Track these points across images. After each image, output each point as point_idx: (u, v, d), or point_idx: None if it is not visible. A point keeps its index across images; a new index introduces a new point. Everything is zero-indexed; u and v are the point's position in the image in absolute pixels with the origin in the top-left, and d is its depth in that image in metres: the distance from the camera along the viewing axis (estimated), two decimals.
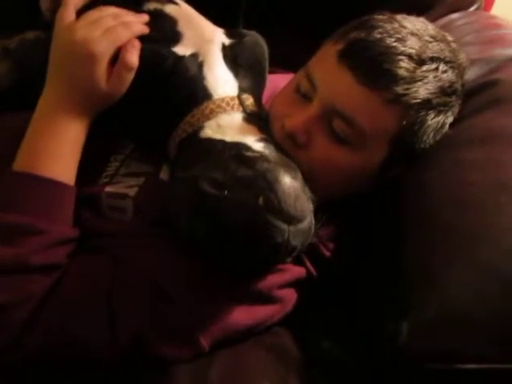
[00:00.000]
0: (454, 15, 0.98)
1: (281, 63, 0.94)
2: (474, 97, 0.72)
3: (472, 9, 1.02)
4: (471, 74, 0.75)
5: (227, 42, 0.71)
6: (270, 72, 0.93)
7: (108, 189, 0.71)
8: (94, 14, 0.66)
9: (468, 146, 0.67)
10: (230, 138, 0.63)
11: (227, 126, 0.65)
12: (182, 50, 0.68)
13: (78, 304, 0.60)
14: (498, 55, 0.78)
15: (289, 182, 0.56)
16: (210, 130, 0.65)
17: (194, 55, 0.68)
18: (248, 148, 0.61)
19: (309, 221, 0.57)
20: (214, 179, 0.56)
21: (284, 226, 0.54)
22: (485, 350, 0.53)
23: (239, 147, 0.61)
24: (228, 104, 0.66)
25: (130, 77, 0.65)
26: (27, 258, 0.59)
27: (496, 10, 1.24)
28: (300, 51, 0.75)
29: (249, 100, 0.68)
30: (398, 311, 0.58)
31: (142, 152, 0.75)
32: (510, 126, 0.66)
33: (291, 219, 0.54)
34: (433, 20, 0.95)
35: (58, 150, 0.64)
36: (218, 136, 0.64)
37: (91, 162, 0.70)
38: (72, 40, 0.64)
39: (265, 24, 1.01)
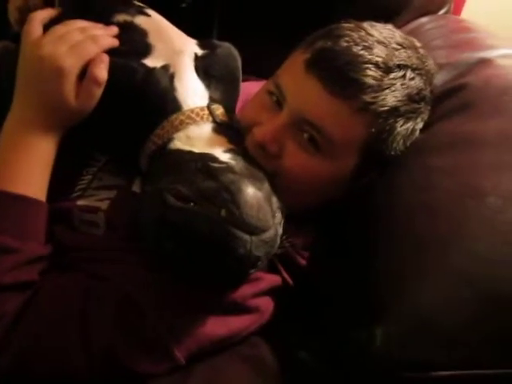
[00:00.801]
0: (423, 19, 0.99)
1: (253, 69, 0.94)
2: (442, 102, 0.73)
3: (441, 12, 1.04)
4: (439, 79, 0.76)
5: (200, 52, 0.71)
6: (244, 80, 0.93)
7: (80, 202, 0.70)
8: (60, 29, 0.65)
9: (437, 152, 0.67)
10: (198, 149, 0.63)
11: (196, 137, 0.65)
12: (152, 62, 0.68)
13: (51, 321, 0.59)
14: (467, 59, 0.79)
15: (251, 192, 0.56)
16: (180, 142, 0.65)
17: (165, 67, 0.68)
18: (215, 159, 0.61)
19: (273, 231, 0.57)
20: (180, 192, 0.56)
21: (246, 237, 0.54)
22: (457, 357, 0.54)
23: (206, 158, 0.61)
24: (198, 115, 0.66)
25: (99, 92, 0.64)
26: (0, 276, 0.58)
27: (465, 14, 1.26)
28: (272, 57, 0.75)
29: (219, 110, 0.68)
30: (370, 320, 0.58)
31: (114, 165, 0.75)
32: (478, 130, 0.66)
33: (253, 230, 0.55)
34: (402, 24, 0.97)
35: (28, 166, 0.64)
36: (186, 147, 0.64)
37: (64, 176, 0.70)
38: (39, 55, 0.63)
39: (238, 30, 1.02)
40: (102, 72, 0.64)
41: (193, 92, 0.67)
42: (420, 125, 0.70)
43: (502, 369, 0.55)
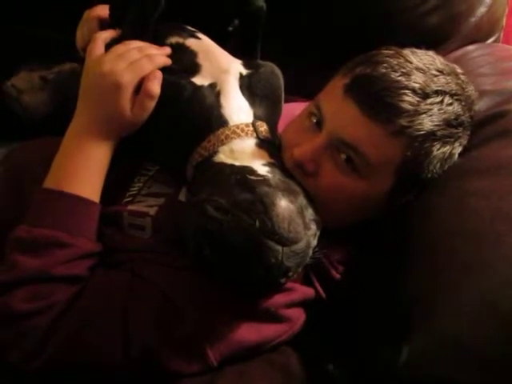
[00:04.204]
0: (470, 47, 0.99)
1: (298, 90, 0.98)
2: (483, 127, 0.74)
3: (490, 41, 1.04)
4: (483, 105, 0.77)
5: (244, 72, 0.76)
6: (289, 100, 0.97)
7: (130, 207, 0.75)
8: (120, 48, 0.72)
9: (475, 176, 0.68)
10: (239, 162, 0.67)
11: (239, 150, 0.69)
12: (200, 80, 0.73)
13: (95, 315, 0.63)
14: (511, 87, 0.79)
15: (284, 205, 0.59)
16: (223, 155, 0.69)
17: (212, 85, 0.73)
18: (253, 172, 0.64)
19: (305, 243, 0.59)
20: (218, 203, 0.60)
21: (278, 248, 0.56)
22: (480, 377, 0.54)
23: (245, 171, 0.64)
24: (242, 130, 0.70)
25: (151, 105, 0.70)
26: (51, 268, 0.63)
27: None
28: (318, 79, 0.78)
29: (263, 127, 0.72)
30: (396, 337, 0.59)
31: (164, 174, 0.79)
32: None
33: (285, 241, 0.57)
34: (449, 52, 0.98)
35: (85, 170, 0.70)
36: (229, 161, 0.68)
37: (117, 182, 0.75)
38: (100, 72, 0.70)
39: (284, 53, 1.06)
40: (155, 87, 0.69)
41: (238, 109, 0.72)
42: (458, 149, 0.71)
43: None
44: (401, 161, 0.67)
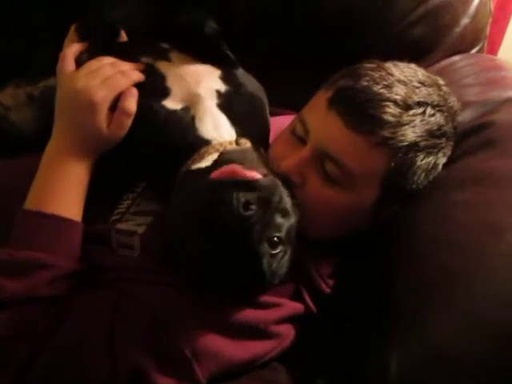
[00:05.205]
0: (455, 57, 1.00)
1: (286, 104, 0.98)
2: (468, 138, 0.74)
3: (473, 51, 1.04)
4: (467, 116, 0.78)
5: (223, 88, 0.75)
6: (279, 113, 0.98)
7: (118, 226, 0.75)
8: (93, 64, 0.72)
9: (460, 187, 0.68)
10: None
11: None
12: (171, 104, 0.72)
13: (81, 336, 0.63)
14: (495, 97, 0.80)
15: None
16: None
17: (185, 109, 0.72)
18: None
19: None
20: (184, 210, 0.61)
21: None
22: None
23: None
24: (226, 147, 0.70)
25: (128, 122, 0.70)
26: (35, 290, 0.63)
27: (502, 53, 1.26)
28: (306, 93, 0.79)
29: (247, 144, 0.72)
30: (385, 350, 0.59)
31: (152, 191, 0.79)
32: (501, 167, 0.67)
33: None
34: (434, 63, 0.98)
35: (64, 189, 0.70)
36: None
37: (105, 200, 0.75)
38: (73, 89, 0.70)
39: (273, 66, 1.06)
40: (131, 104, 0.70)
41: (219, 127, 0.71)
42: (442, 159, 0.72)
43: None
44: (385, 172, 0.68)
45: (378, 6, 0.99)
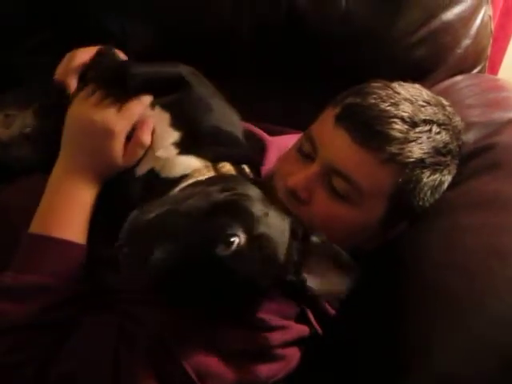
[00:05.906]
0: (457, 78, 1.01)
1: (286, 121, 0.99)
2: (472, 160, 0.75)
3: (475, 71, 1.05)
4: (470, 137, 0.78)
5: (177, 136, 0.71)
6: (280, 132, 0.99)
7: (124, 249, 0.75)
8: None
9: (465, 210, 0.68)
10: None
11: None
12: (140, 169, 0.71)
13: (85, 360, 0.62)
14: (498, 118, 0.81)
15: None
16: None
17: (151, 170, 0.70)
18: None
19: None
20: None
21: None
22: None
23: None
24: (201, 172, 0.68)
25: (141, 152, 0.71)
26: (39, 315, 0.63)
27: (503, 72, 1.27)
28: (307, 112, 0.79)
29: (225, 167, 0.70)
30: (396, 375, 0.58)
31: None
32: (504, 191, 0.67)
33: None
34: (436, 82, 0.99)
35: (70, 213, 0.69)
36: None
37: (113, 223, 0.75)
38: (90, 118, 0.70)
39: (279, 86, 1.08)
40: (147, 137, 0.70)
41: (191, 164, 0.69)
42: (447, 177, 0.72)
43: None
44: (392, 188, 0.68)
45: (380, 28, 1.00)
